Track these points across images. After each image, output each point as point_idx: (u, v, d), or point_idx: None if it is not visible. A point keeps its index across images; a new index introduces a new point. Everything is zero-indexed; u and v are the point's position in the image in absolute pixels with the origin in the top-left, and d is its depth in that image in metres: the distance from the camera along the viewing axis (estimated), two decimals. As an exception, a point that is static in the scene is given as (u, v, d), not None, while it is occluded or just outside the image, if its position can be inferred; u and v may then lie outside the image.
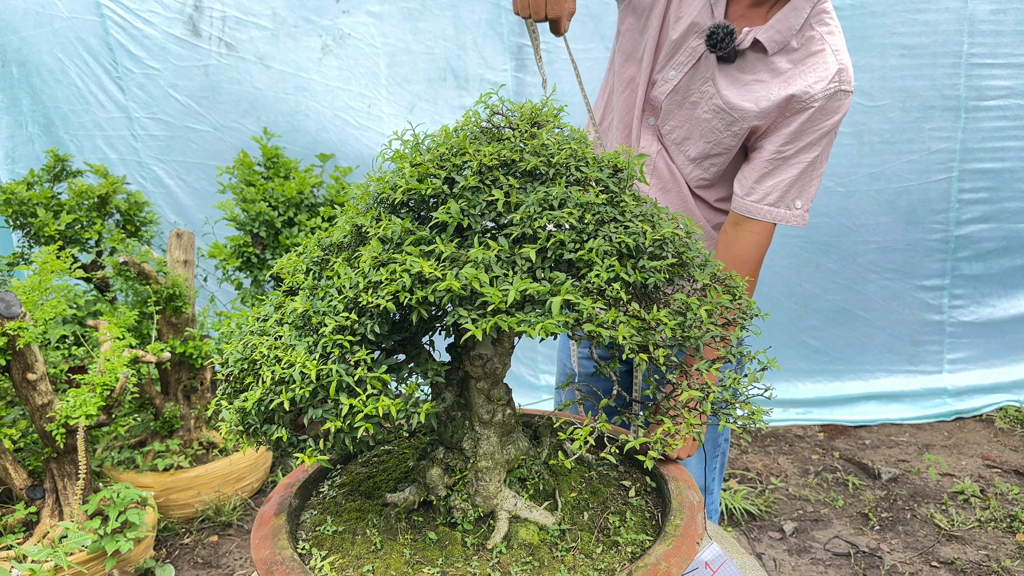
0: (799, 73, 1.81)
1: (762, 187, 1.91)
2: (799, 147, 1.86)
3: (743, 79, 1.87)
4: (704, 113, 1.93)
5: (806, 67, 1.81)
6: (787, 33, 1.80)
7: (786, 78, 1.82)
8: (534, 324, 1.11)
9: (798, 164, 1.88)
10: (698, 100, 1.94)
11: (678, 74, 1.95)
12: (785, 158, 1.88)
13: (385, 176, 1.35)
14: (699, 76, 1.92)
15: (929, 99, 3.93)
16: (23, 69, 4.17)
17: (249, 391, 1.30)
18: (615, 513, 1.49)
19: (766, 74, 1.84)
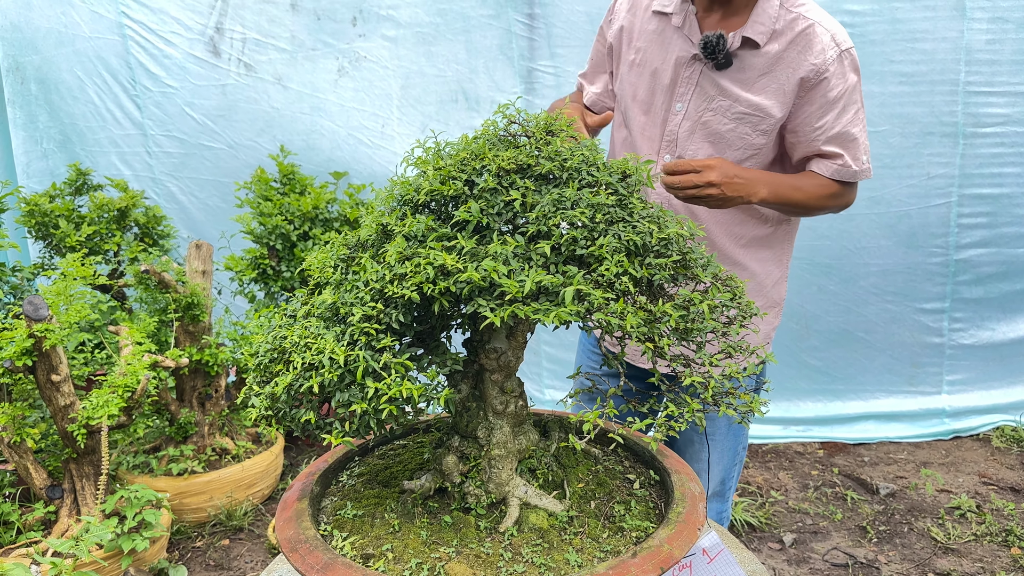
0: (797, 54, 1.90)
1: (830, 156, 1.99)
2: (834, 116, 1.93)
3: (748, 78, 1.95)
4: (725, 126, 1.99)
5: (801, 46, 1.90)
6: (769, 23, 1.91)
7: (788, 63, 1.91)
8: (548, 313, 1.20)
9: (843, 127, 1.95)
10: (711, 119, 2.00)
11: (684, 104, 2.03)
12: (827, 132, 1.95)
13: (408, 180, 1.45)
14: (705, 96, 2.00)
15: (928, 125, 4.03)
16: (42, 86, 4.30)
17: (280, 377, 1.39)
18: (620, 503, 1.56)
19: (766, 65, 1.93)
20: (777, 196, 1.93)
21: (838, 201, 2.07)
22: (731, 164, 1.87)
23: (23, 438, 2.68)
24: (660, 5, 2.06)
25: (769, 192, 1.90)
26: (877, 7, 3.85)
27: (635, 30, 2.11)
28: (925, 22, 3.86)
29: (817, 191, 1.99)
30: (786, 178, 1.98)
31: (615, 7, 2.21)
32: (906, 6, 3.83)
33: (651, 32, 2.08)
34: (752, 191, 1.87)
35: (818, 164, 2.00)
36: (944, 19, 3.84)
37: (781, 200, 1.95)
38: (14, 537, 2.72)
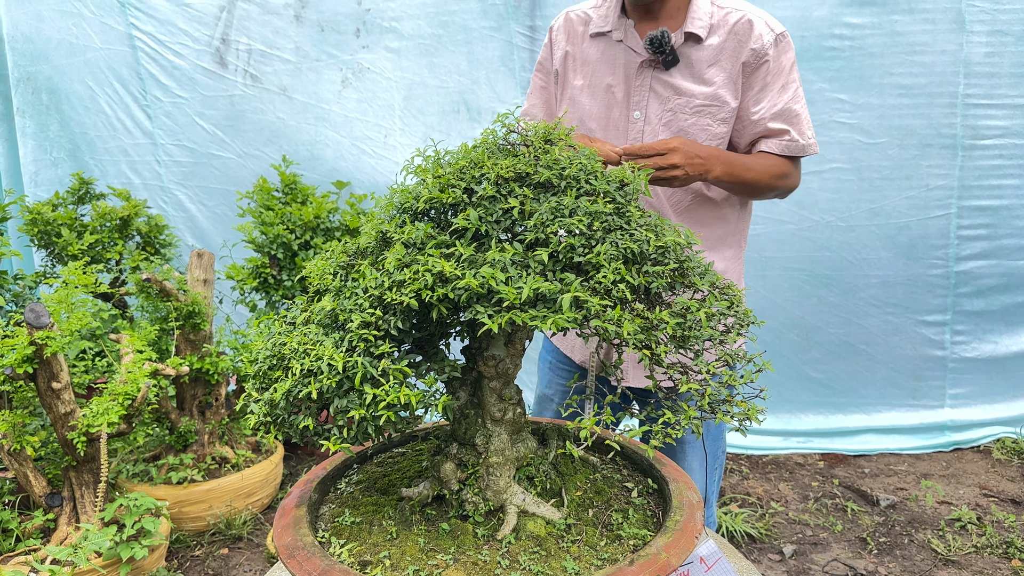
0: (737, 43, 2.02)
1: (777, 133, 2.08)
2: (776, 94, 2.04)
3: (697, 72, 2.06)
4: (686, 121, 2.07)
5: (740, 36, 2.02)
6: (706, 18, 2.03)
7: (729, 52, 2.03)
8: (546, 319, 1.21)
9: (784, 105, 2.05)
10: (671, 119, 2.08)
11: (642, 112, 2.10)
12: (771, 111, 2.05)
13: (408, 188, 1.46)
14: (660, 99, 2.08)
15: (927, 137, 4.04)
16: (53, 96, 4.34)
17: (278, 383, 1.39)
18: (618, 511, 1.57)
19: (711, 57, 2.04)
20: (731, 175, 2.01)
21: (786, 182, 2.14)
22: (691, 143, 1.93)
23: (23, 446, 2.69)
24: (597, 27, 2.15)
25: (723, 170, 1.98)
26: (876, 20, 3.87)
27: (579, 57, 2.20)
28: (924, 35, 3.88)
29: (768, 170, 2.07)
30: (738, 157, 2.06)
31: (552, 39, 2.27)
32: (905, 19, 3.86)
33: (595, 55, 2.16)
34: (709, 168, 1.95)
35: (767, 143, 2.09)
36: (943, 32, 3.86)
37: (734, 178, 2.02)
38: (13, 545, 2.72)
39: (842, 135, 4.06)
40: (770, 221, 4.22)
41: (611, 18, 2.12)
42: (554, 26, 2.27)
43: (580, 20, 2.21)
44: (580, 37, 2.19)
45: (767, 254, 4.27)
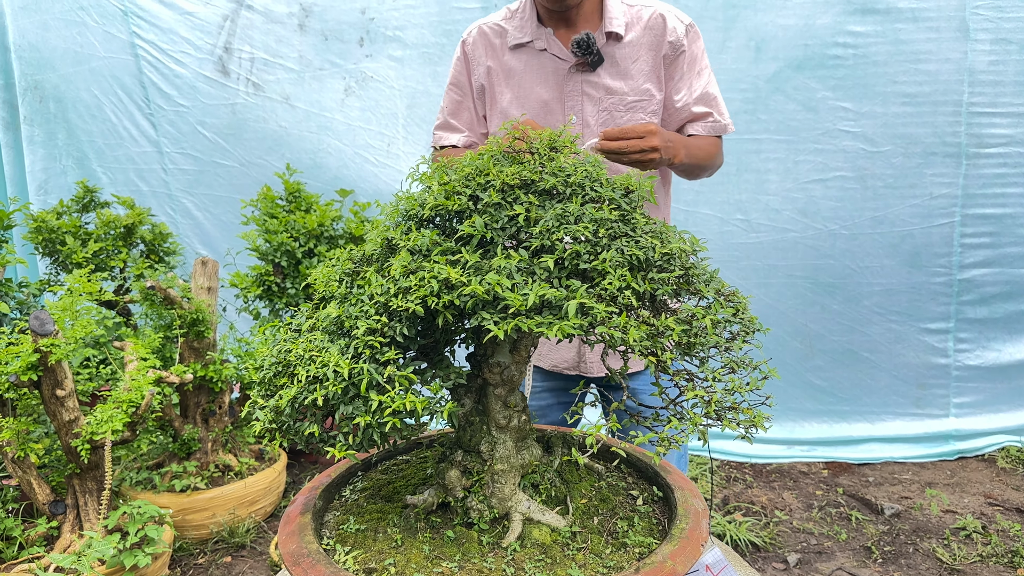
0: (654, 37, 2.12)
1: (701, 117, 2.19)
2: (695, 80, 2.17)
3: (623, 69, 2.13)
4: (622, 118, 2.13)
5: (655, 30, 2.12)
6: (621, 17, 2.11)
7: (648, 46, 2.12)
8: (551, 326, 1.21)
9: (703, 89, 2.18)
10: (607, 118, 2.13)
11: (578, 115, 2.15)
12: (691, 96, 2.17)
13: (414, 195, 1.46)
14: (593, 100, 2.13)
15: (931, 146, 4.05)
16: (59, 105, 4.36)
17: (284, 390, 1.39)
18: (623, 519, 1.56)
19: (633, 53, 2.12)
20: (691, 156, 2.08)
21: (719, 160, 2.28)
22: (662, 129, 1.96)
23: (27, 453, 2.69)
24: (516, 39, 2.17)
25: (685, 154, 2.05)
26: (880, 28, 3.88)
27: (502, 70, 2.21)
28: (928, 43, 3.89)
29: (710, 149, 2.19)
30: (691, 140, 2.14)
31: (469, 54, 2.26)
32: (909, 27, 3.86)
33: (519, 67, 2.18)
34: (677, 152, 2.00)
35: (694, 127, 2.19)
36: (947, 40, 3.87)
37: (693, 160, 2.10)
38: (16, 553, 2.72)
39: (846, 143, 4.06)
40: (773, 229, 4.22)
41: (529, 28, 2.15)
42: (467, 40, 2.25)
43: (495, 33, 2.21)
44: (499, 50, 2.20)
45: (770, 262, 4.27)
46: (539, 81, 2.15)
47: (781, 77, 4.01)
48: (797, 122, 4.06)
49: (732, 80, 4.06)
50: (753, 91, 4.05)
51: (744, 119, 4.03)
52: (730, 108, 4.01)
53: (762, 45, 3.99)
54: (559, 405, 2.46)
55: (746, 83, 4.05)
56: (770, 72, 4.01)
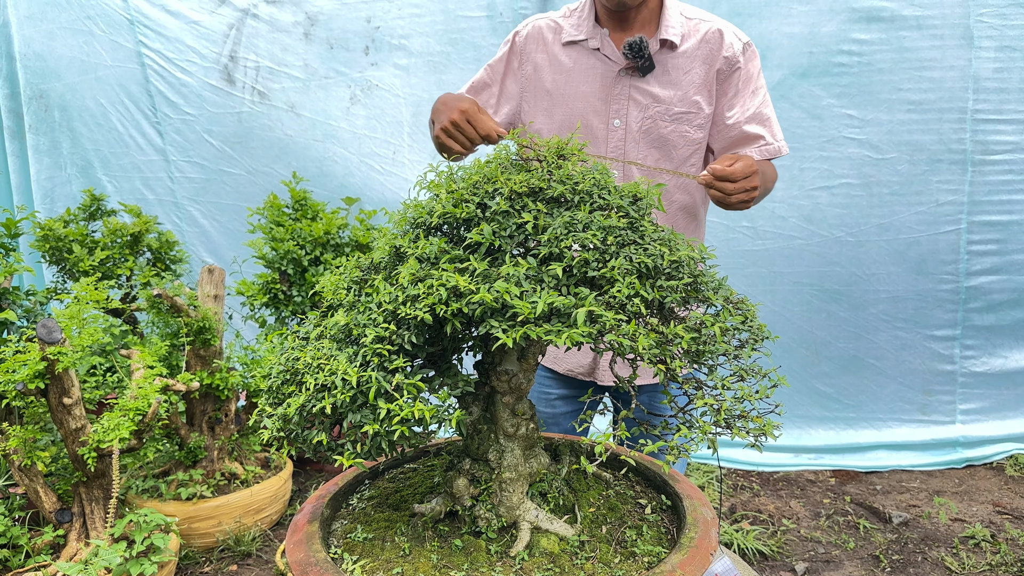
0: (709, 51, 2.09)
1: (753, 138, 2.14)
2: (749, 98, 2.12)
3: (674, 79, 2.10)
4: (666, 128, 2.11)
5: (711, 44, 2.09)
6: (678, 27, 2.09)
7: (703, 59, 2.09)
8: (560, 333, 1.21)
9: (757, 108, 2.13)
10: (651, 126, 2.11)
11: (622, 120, 2.12)
12: (744, 114, 2.12)
13: (421, 203, 1.46)
14: (640, 106, 2.11)
15: (936, 153, 4.04)
16: (65, 114, 4.38)
17: (292, 398, 1.39)
18: (632, 528, 1.56)
19: (686, 64, 2.09)
20: (763, 187, 2.04)
21: (774, 184, 2.23)
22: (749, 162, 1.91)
23: (34, 461, 2.69)
24: (571, 36, 2.16)
25: (760, 183, 1.99)
26: (885, 36, 3.88)
27: (551, 66, 2.19)
28: (933, 51, 3.89)
29: (771, 174, 2.14)
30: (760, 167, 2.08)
31: (519, 48, 2.24)
32: (913, 35, 3.87)
33: (568, 63, 2.16)
34: (757, 184, 1.95)
35: (748, 150, 2.14)
36: (952, 47, 3.87)
37: (763, 191, 2.06)
38: (23, 561, 2.72)
39: (851, 150, 4.06)
40: (779, 236, 4.22)
41: (585, 27, 2.14)
42: (520, 33, 2.23)
43: (550, 28, 2.20)
44: (551, 44, 2.19)
45: (776, 269, 4.27)
46: (587, 79, 2.13)
47: (786, 85, 4.01)
48: (802, 129, 4.06)
49: (737, 88, 4.06)
50: (758, 98, 4.05)
51: (749, 126, 4.02)
52: (735, 115, 4.05)
53: (767, 53, 3.99)
54: (571, 414, 2.44)
55: (751, 91, 4.05)
56: (775, 80, 4.01)
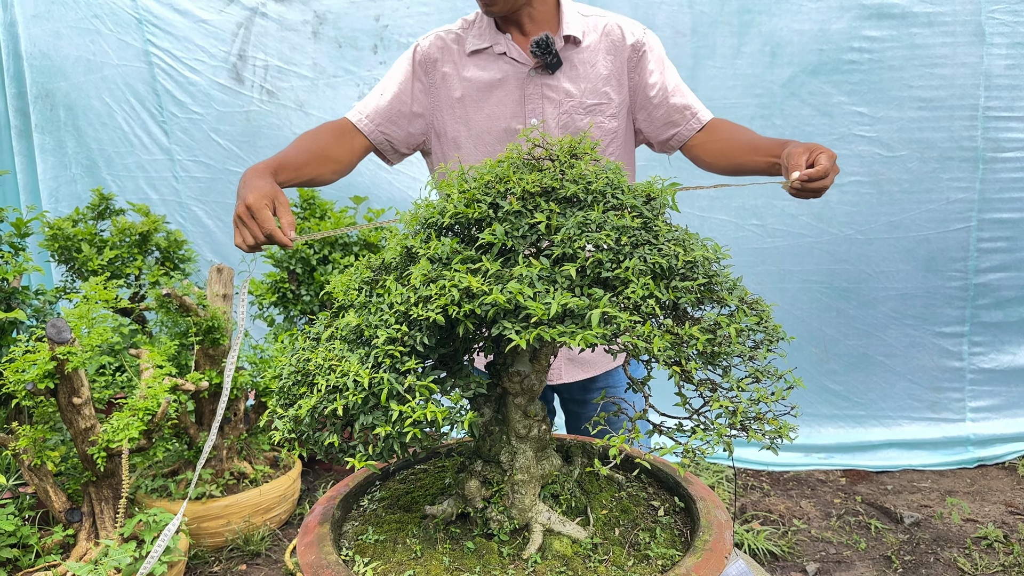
0: (612, 43, 2.16)
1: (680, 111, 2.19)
2: (666, 74, 2.19)
3: (582, 73, 2.14)
4: (582, 121, 2.14)
5: (613, 36, 2.16)
6: (578, 24, 2.14)
7: (607, 50, 2.15)
8: (574, 335, 1.19)
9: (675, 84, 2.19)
10: (568, 121, 2.14)
11: (539, 118, 2.15)
12: (665, 89, 2.17)
13: (432, 203, 1.45)
14: (555, 103, 2.14)
15: (947, 150, 4.01)
16: (70, 113, 4.38)
17: (303, 399, 1.39)
18: (645, 530, 1.54)
19: (591, 57, 2.15)
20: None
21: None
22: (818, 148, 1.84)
23: (43, 461, 2.69)
24: (475, 45, 2.17)
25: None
26: (895, 33, 3.85)
27: (459, 76, 2.19)
28: (944, 48, 3.86)
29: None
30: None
31: (424, 60, 2.22)
32: (924, 32, 3.84)
33: (476, 71, 2.17)
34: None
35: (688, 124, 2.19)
36: (963, 44, 3.84)
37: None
38: (33, 560, 2.72)
39: (861, 148, 4.04)
40: (789, 234, 4.20)
41: (487, 35, 2.16)
42: (422, 45, 2.22)
43: (453, 39, 2.21)
44: (457, 55, 2.20)
45: (785, 267, 4.25)
46: (499, 85, 2.16)
47: (796, 82, 3.99)
48: (812, 127, 4.03)
49: (747, 85, 4.04)
50: (768, 96, 4.03)
51: (759, 124, 4.01)
52: (745, 113, 4.05)
53: (777, 50, 3.97)
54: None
55: (761, 88, 4.03)
56: (785, 77, 3.99)
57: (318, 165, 2.05)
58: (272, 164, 1.88)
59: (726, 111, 4.09)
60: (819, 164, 1.74)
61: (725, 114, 2.31)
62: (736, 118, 4.02)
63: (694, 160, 2.28)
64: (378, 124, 2.19)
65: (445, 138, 2.22)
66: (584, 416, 2.38)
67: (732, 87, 4.06)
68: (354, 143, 2.17)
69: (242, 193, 1.73)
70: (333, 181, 2.16)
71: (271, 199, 1.70)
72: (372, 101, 2.21)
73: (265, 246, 1.75)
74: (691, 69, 4.05)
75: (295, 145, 2.05)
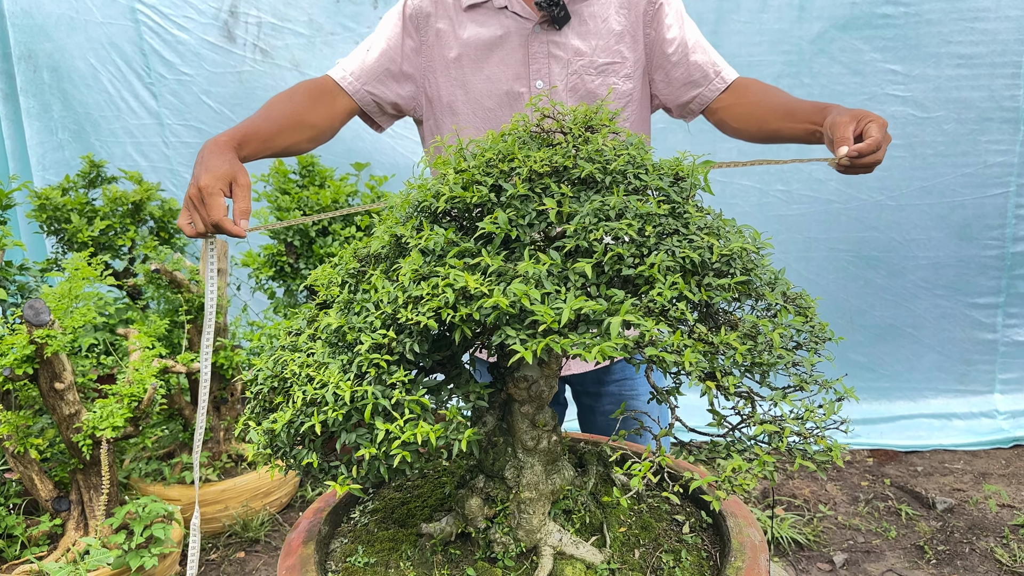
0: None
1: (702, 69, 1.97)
2: (684, 28, 1.97)
3: (592, 28, 1.93)
4: (593, 82, 1.93)
5: None
6: None
7: (618, 5, 1.94)
8: (590, 347, 1.00)
9: (695, 39, 1.98)
10: (577, 82, 1.93)
11: (545, 80, 1.94)
12: (685, 46, 1.96)
13: (427, 183, 1.25)
14: (562, 62, 1.92)
15: (986, 111, 3.77)
16: (54, 75, 4.15)
17: (279, 411, 1.21)
18: (669, 552, 1.37)
19: (602, 12, 1.93)
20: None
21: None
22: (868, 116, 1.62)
23: (27, 448, 2.55)
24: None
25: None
26: (934, -16, 3.59)
27: (452, 32, 1.96)
28: (986, 0, 3.59)
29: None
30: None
31: (415, 15, 1.98)
32: (966, -18, 3.57)
33: (475, 28, 1.94)
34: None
35: (711, 84, 1.97)
36: (1007, -4, 3.57)
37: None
38: (18, 552, 2.60)
39: (894, 109, 3.79)
40: (816, 200, 3.98)
41: None
42: (410, 4, 1.98)
43: None
44: (451, 9, 1.95)
45: (812, 234, 4.04)
46: (500, 43, 1.93)
47: (826, 38, 3.73)
48: (842, 86, 3.78)
49: (773, 41, 3.78)
50: (796, 53, 3.78)
51: (786, 83, 3.76)
52: (771, 71, 3.79)
53: (806, 4, 3.70)
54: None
55: (788, 44, 3.77)
56: (814, 33, 3.73)
57: (292, 133, 1.83)
58: (236, 136, 1.67)
59: (751, 70, 3.83)
60: (870, 136, 1.53)
61: (750, 73, 2.08)
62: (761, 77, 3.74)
63: (718, 125, 2.06)
64: (364, 83, 1.96)
65: (439, 103, 2.00)
66: (599, 409, 2.19)
67: (758, 43, 3.80)
68: (336, 105, 1.95)
69: (196, 172, 1.53)
70: (309, 150, 1.96)
71: (227, 181, 1.50)
72: (358, 57, 1.98)
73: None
74: (714, 24, 3.79)
75: (266, 110, 1.83)
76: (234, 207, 1.53)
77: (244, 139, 1.69)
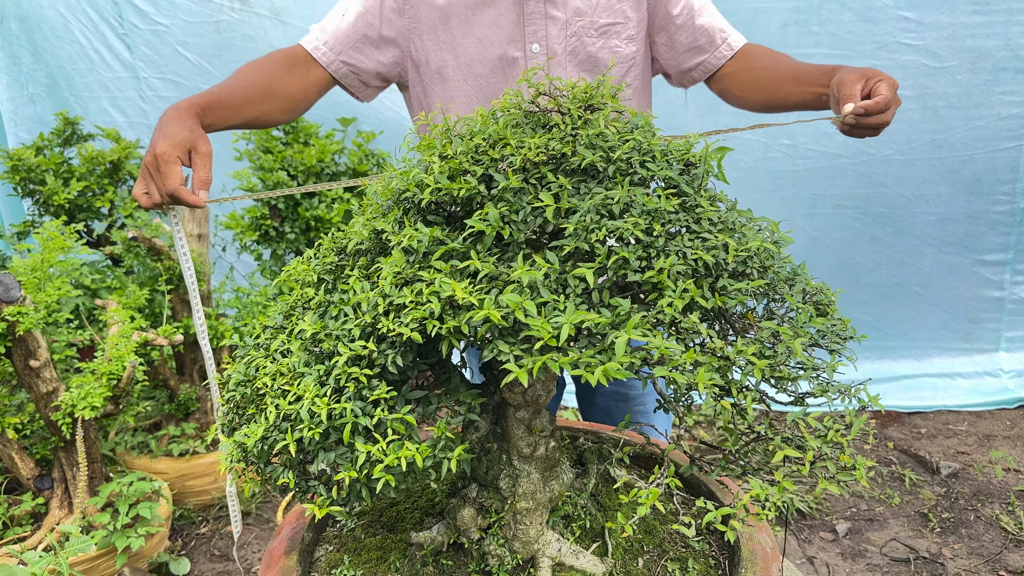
0: None
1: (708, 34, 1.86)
2: None
3: None
4: (594, 45, 1.79)
5: None
6: None
7: None
8: (592, 366, 0.89)
9: (702, 1, 1.86)
10: (577, 45, 1.79)
11: (542, 43, 1.78)
12: (691, 7, 1.84)
13: (410, 171, 1.13)
14: (560, 24, 1.78)
15: (1002, 60, 3.61)
16: (23, 25, 3.93)
17: (251, 425, 1.10)
18: (674, 559, 1.29)
19: None
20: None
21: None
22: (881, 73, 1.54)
23: (3, 428, 2.46)
24: None
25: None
26: (951, -77, 3.39)
27: None
28: (1006, -59, 3.41)
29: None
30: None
31: None
32: (985, -78, 3.37)
33: None
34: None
35: (717, 50, 1.85)
36: (1029, -64, 3.38)
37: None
38: (1, 532, 2.52)
39: (905, 58, 3.62)
40: (822, 155, 3.84)
41: None
42: None
43: None
44: None
45: (817, 190, 3.90)
46: (491, 1, 1.77)
47: (836, -18, 3.54)
48: (852, 34, 3.60)
49: (779, -14, 3.59)
50: (804, -1, 3.59)
51: (794, 31, 3.58)
52: (778, 19, 3.60)
53: (815, -55, 3.51)
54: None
55: (795, -11, 3.59)
56: (823, -23, 3.54)
57: (262, 102, 1.69)
58: (199, 102, 1.55)
59: (756, 16, 3.65)
60: (878, 94, 1.43)
61: (755, 21, 1.95)
62: (767, 24, 3.60)
63: (721, 94, 1.93)
64: (339, 53, 1.81)
65: (427, 69, 1.85)
66: (599, 390, 2.09)
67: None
68: (309, 76, 1.80)
69: (153, 139, 1.44)
70: (284, 122, 1.83)
71: (186, 149, 1.42)
72: (332, 23, 1.82)
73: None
74: (718, -31, 3.59)
75: (234, 78, 1.70)
76: (193, 176, 1.45)
77: (208, 106, 1.56)
